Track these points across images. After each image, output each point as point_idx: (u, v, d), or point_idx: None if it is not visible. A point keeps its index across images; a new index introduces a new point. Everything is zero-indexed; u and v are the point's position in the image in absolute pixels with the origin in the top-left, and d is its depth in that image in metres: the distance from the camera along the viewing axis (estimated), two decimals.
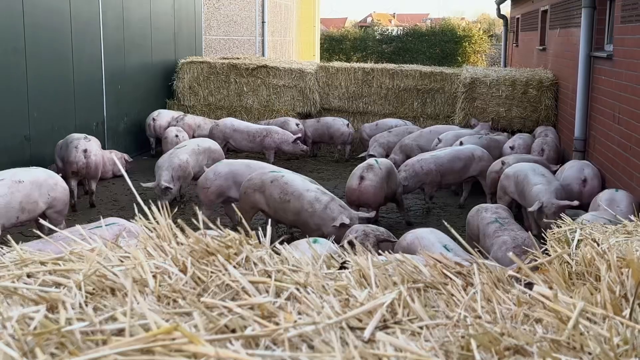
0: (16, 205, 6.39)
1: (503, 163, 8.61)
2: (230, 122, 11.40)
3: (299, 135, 11.40)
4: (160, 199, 8.09)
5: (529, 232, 5.69)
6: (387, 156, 10.76)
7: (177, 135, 10.79)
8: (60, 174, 7.40)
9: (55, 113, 9.96)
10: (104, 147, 9.98)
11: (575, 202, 6.96)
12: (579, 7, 9.76)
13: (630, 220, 3.20)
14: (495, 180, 8.36)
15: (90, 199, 9.00)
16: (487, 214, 6.13)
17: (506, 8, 21.41)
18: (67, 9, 10.16)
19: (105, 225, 5.29)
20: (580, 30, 9.36)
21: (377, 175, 7.78)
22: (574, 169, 8.09)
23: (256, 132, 11.16)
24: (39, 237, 4.48)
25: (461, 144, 9.60)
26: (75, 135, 8.93)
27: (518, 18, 18.81)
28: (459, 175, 9.03)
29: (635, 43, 7.43)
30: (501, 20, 21.38)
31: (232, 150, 11.57)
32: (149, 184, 8.31)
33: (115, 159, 4.00)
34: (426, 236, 5.34)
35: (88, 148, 8.67)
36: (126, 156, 10.52)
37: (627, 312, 1.78)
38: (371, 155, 10.31)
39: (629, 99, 7.55)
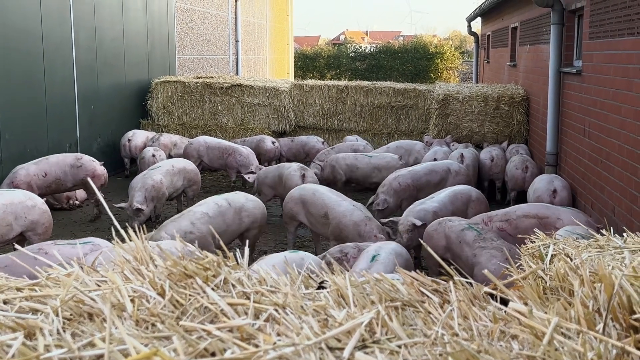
0: None
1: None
2: (203, 140, 11.33)
3: (255, 171, 10.97)
4: (132, 220, 8.02)
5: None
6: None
7: (154, 155, 10.70)
8: (43, 198, 7.29)
9: (28, 135, 9.86)
10: None
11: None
12: (548, 24, 9.93)
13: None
14: None
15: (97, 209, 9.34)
16: (454, 222, 6.10)
17: (477, 25, 21.73)
18: (38, 30, 10.09)
19: (80, 243, 5.27)
20: (550, 46, 9.51)
21: None
22: (544, 182, 8.44)
23: (225, 149, 11.09)
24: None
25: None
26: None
27: (489, 35, 19.07)
28: (436, 190, 9.05)
29: (603, 59, 7.58)
30: (472, 37, 21.66)
31: (206, 169, 11.52)
32: (122, 205, 8.24)
33: (89, 179, 3.95)
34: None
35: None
36: None
37: (600, 326, 1.81)
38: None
39: (598, 114, 7.68)
